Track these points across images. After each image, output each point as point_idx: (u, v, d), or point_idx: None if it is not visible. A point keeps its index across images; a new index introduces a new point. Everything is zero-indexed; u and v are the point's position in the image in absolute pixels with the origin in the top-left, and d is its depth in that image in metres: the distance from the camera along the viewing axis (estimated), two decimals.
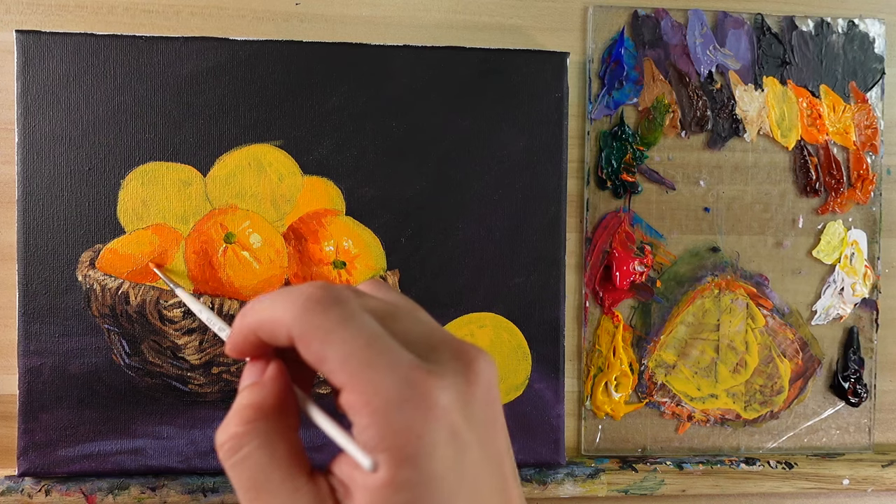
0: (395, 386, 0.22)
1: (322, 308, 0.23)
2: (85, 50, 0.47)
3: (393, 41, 0.51)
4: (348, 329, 0.22)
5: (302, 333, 0.23)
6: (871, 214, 0.55)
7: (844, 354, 0.55)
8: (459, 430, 0.22)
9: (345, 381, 0.22)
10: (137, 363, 0.48)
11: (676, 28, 0.53)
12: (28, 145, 0.46)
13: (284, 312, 0.23)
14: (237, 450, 0.23)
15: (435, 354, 0.24)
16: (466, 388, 0.23)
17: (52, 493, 0.47)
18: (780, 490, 0.53)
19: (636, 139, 0.53)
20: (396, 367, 0.22)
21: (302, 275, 0.49)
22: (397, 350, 0.23)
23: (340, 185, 0.49)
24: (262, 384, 0.25)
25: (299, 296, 0.23)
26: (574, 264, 0.53)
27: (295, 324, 0.23)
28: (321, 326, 0.23)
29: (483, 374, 0.24)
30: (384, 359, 0.22)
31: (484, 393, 0.24)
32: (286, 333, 0.23)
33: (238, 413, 0.24)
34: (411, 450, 0.21)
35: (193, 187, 0.48)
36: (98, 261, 0.47)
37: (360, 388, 0.22)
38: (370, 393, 0.22)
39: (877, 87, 0.55)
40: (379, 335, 0.23)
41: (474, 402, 0.23)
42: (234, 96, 0.48)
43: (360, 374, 0.22)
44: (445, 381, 0.22)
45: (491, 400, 0.24)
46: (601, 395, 0.53)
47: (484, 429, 0.23)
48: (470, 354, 0.24)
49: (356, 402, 0.22)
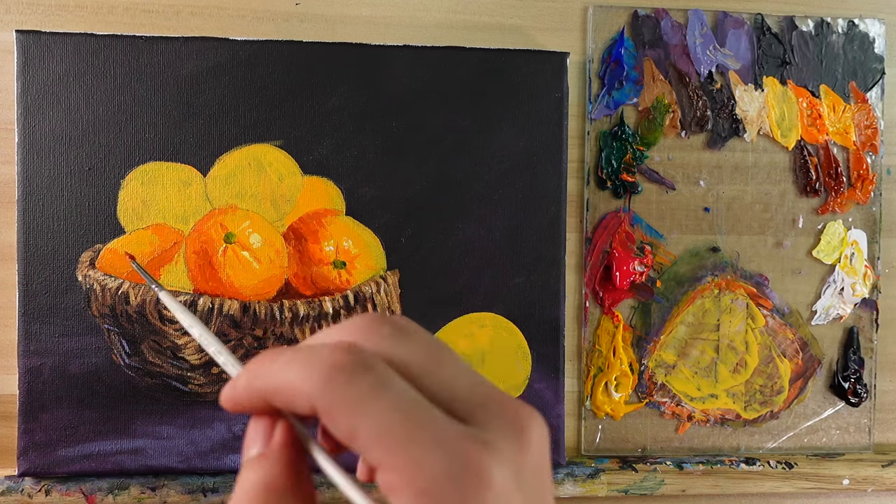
0: (443, 463, 0.19)
1: (348, 377, 0.20)
2: (85, 50, 0.47)
3: (393, 41, 0.51)
4: (381, 400, 0.20)
5: (327, 407, 0.20)
6: (871, 214, 0.55)
7: (844, 354, 0.55)
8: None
9: (382, 460, 0.19)
10: (137, 363, 0.48)
11: (676, 28, 0.53)
12: (28, 145, 0.46)
13: (304, 382, 0.20)
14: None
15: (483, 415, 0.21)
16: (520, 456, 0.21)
17: (52, 493, 0.47)
18: (780, 490, 0.53)
19: (636, 139, 0.53)
20: (443, 441, 0.19)
21: (302, 275, 0.49)
22: (441, 420, 0.20)
23: (340, 185, 0.49)
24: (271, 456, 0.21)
25: (321, 363, 0.20)
26: (574, 264, 0.53)
27: (317, 395, 0.20)
28: (349, 399, 0.20)
29: (535, 440, 0.21)
30: (427, 432, 0.19)
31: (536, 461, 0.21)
32: (307, 405, 0.20)
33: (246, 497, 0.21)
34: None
35: (193, 187, 0.48)
36: (98, 261, 0.47)
37: (401, 467, 0.19)
38: (413, 472, 0.19)
39: (877, 87, 0.55)
40: (418, 403, 0.20)
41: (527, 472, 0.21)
42: (234, 96, 0.48)
43: (401, 450, 0.19)
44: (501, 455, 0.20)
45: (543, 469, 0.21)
46: (601, 395, 0.53)
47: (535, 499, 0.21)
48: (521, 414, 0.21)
49: (397, 483, 0.19)
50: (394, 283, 0.50)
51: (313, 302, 0.49)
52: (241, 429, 0.49)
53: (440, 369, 0.21)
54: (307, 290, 0.49)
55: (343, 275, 0.49)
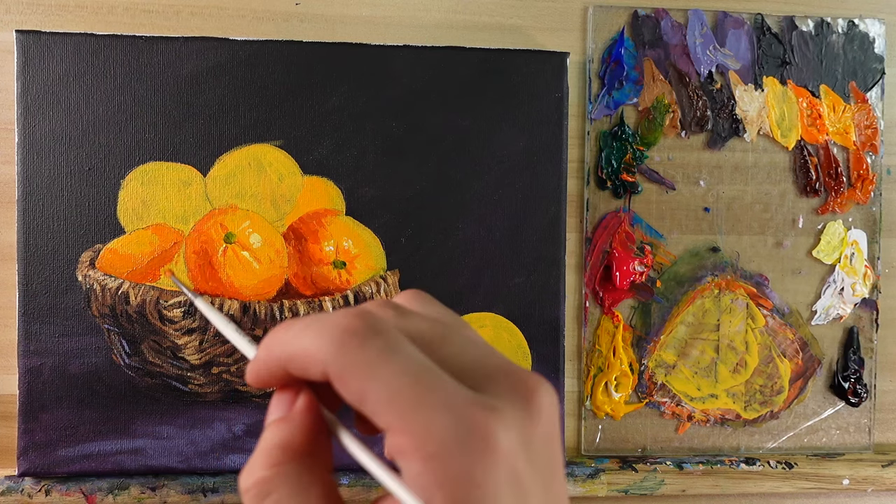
0: (451, 427, 0.19)
1: (360, 341, 0.20)
2: (85, 50, 0.47)
3: (393, 41, 0.51)
4: (392, 364, 0.20)
5: (339, 371, 0.20)
6: (871, 214, 0.55)
7: (844, 354, 0.55)
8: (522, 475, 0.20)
9: (391, 423, 0.20)
10: (137, 363, 0.48)
11: (676, 28, 0.53)
12: (28, 145, 0.46)
13: (317, 346, 0.21)
14: (264, 496, 0.21)
15: (491, 385, 0.21)
16: (528, 424, 0.21)
17: (52, 493, 0.47)
18: (780, 490, 0.53)
19: (636, 139, 0.53)
20: (451, 405, 0.20)
21: (302, 275, 0.49)
22: (450, 385, 0.20)
23: (340, 185, 0.49)
24: (291, 420, 0.22)
25: (334, 327, 0.21)
26: (574, 264, 0.53)
27: (330, 360, 0.20)
28: (360, 362, 0.20)
29: (545, 408, 0.21)
30: (436, 396, 0.20)
31: (546, 429, 0.21)
32: (321, 370, 0.21)
33: (265, 454, 0.21)
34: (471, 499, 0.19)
35: (193, 187, 0.48)
36: (98, 261, 0.47)
37: (411, 431, 0.19)
38: (422, 435, 0.19)
39: (877, 87, 0.55)
40: (427, 368, 0.20)
41: (535, 441, 0.21)
42: (234, 96, 0.48)
43: (410, 414, 0.19)
44: (507, 420, 0.20)
45: (552, 436, 0.22)
46: (601, 395, 0.53)
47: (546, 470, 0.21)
48: (530, 384, 0.21)
49: (406, 446, 0.19)
50: (394, 283, 0.50)
51: (313, 302, 0.49)
52: (241, 429, 0.49)
53: (449, 342, 0.22)
54: (307, 290, 0.49)
55: (343, 275, 0.49)
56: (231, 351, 0.48)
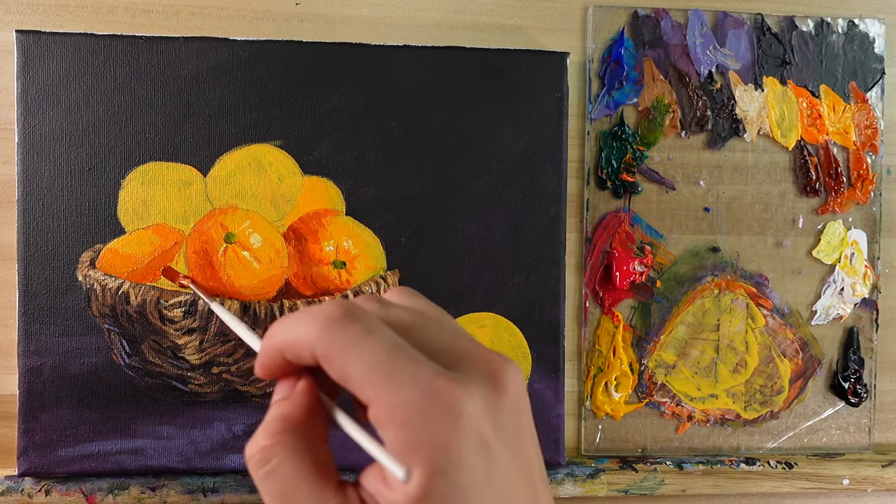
0: (419, 396, 0.22)
1: (341, 325, 0.23)
2: (85, 50, 0.47)
3: (393, 41, 0.51)
4: (368, 343, 0.23)
5: (324, 352, 0.23)
6: (871, 214, 0.55)
7: (844, 354, 0.55)
8: (488, 440, 0.22)
9: (369, 396, 0.22)
10: (137, 363, 0.48)
11: (676, 28, 0.53)
12: (28, 145, 0.46)
13: (306, 332, 0.23)
14: (265, 462, 0.24)
15: (461, 364, 0.24)
16: (494, 397, 0.23)
17: (52, 493, 0.47)
18: (780, 490, 0.53)
19: (636, 139, 0.53)
20: (419, 377, 0.22)
21: (302, 275, 0.49)
22: (420, 360, 0.23)
23: (340, 185, 0.49)
24: (291, 398, 0.25)
25: (319, 315, 0.23)
26: (574, 264, 0.53)
27: (317, 343, 0.23)
28: (341, 343, 0.23)
29: (511, 384, 0.24)
30: (406, 370, 0.22)
31: (512, 402, 0.24)
32: (310, 353, 0.24)
33: (267, 426, 0.24)
34: (440, 460, 0.21)
35: (193, 187, 0.48)
36: (98, 261, 0.47)
37: (385, 402, 0.22)
38: (395, 405, 0.22)
39: (877, 87, 0.55)
40: (400, 347, 0.23)
41: (502, 412, 0.23)
42: (234, 96, 0.48)
43: (383, 387, 0.22)
44: (471, 390, 0.22)
45: (519, 410, 0.24)
46: (601, 395, 0.53)
47: (513, 439, 0.23)
48: (496, 364, 0.24)
49: (382, 416, 0.22)
50: (394, 283, 0.50)
51: (313, 302, 0.49)
52: (241, 429, 0.49)
53: (426, 329, 0.25)
54: (307, 290, 0.49)
55: (343, 275, 0.49)
56: (231, 351, 0.48)
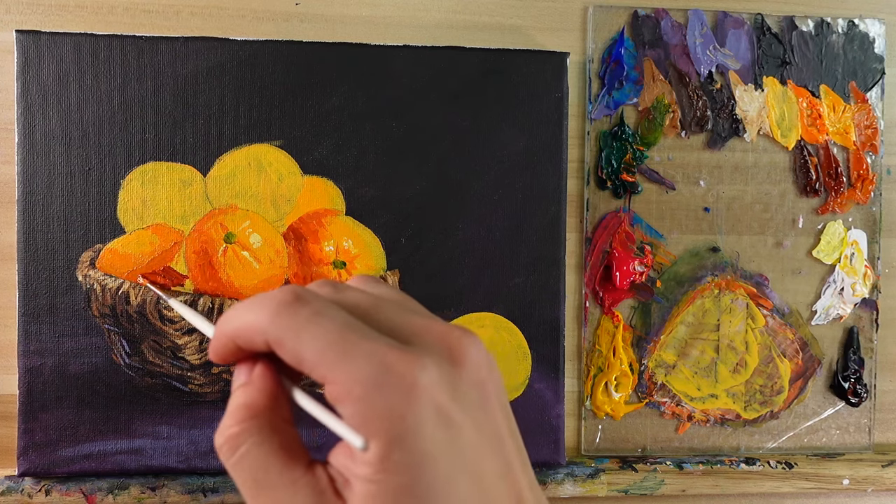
0: (372, 371, 0.22)
1: (292, 309, 0.23)
2: (85, 50, 0.47)
3: (393, 41, 0.51)
4: (319, 325, 0.23)
5: (276, 337, 0.23)
6: (871, 214, 0.55)
7: (844, 354, 0.55)
8: (447, 410, 0.22)
9: (324, 375, 0.22)
10: (137, 363, 0.48)
11: (676, 28, 0.53)
12: (28, 145, 0.46)
13: (256, 319, 0.24)
14: (235, 449, 0.24)
15: (416, 339, 0.24)
16: (451, 368, 0.23)
17: (52, 493, 0.47)
18: (780, 490, 0.53)
19: (636, 139, 0.53)
20: (371, 352, 0.22)
21: (302, 275, 0.49)
22: (372, 336, 0.23)
23: (340, 185, 0.49)
24: (251, 383, 0.25)
25: (270, 301, 0.23)
26: (574, 264, 0.53)
27: (268, 328, 0.23)
28: (291, 327, 0.23)
29: (469, 355, 0.24)
30: (358, 347, 0.22)
31: (473, 373, 0.24)
32: (262, 339, 0.24)
33: (232, 414, 0.25)
34: (397, 430, 0.21)
35: (193, 187, 0.48)
36: (98, 261, 0.47)
37: (339, 379, 0.22)
38: (349, 382, 0.22)
39: (877, 87, 0.55)
40: (351, 325, 0.23)
41: (461, 382, 0.23)
42: (234, 96, 0.48)
43: (337, 365, 0.22)
44: (425, 361, 0.22)
45: (481, 380, 0.24)
46: (601, 395, 0.53)
47: (477, 409, 0.23)
48: (453, 336, 0.24)
49: (338, 394, 0.22)
50: (394, 283, 0.50)
51: None
52: None
53: (382, 310, 0.25)
54: None
55: (343, 275, 0.49)
56: None
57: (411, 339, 0.24)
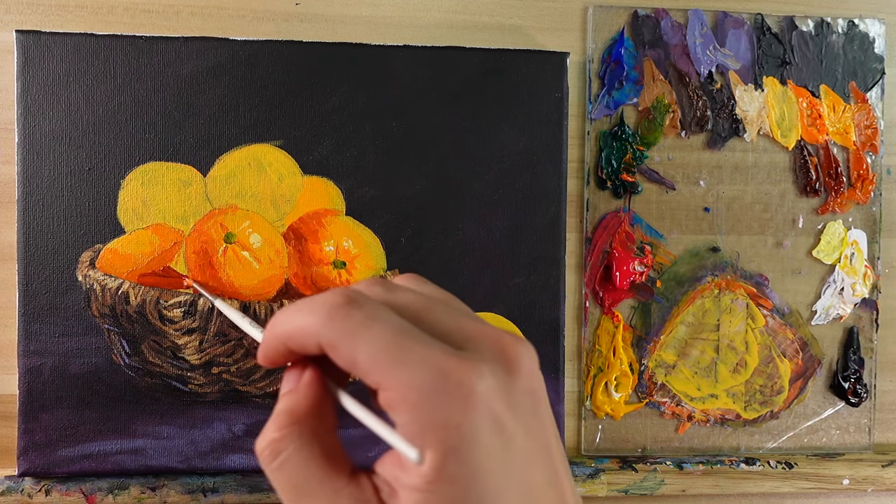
0: (429, 377, 0.21)
1: (345, 312, 0.23)
2: (85, 50, 0.47)
3: (393, 41, 0.51)
4: (373, 328, 0.22)
5: (329, 340, 0.23)
6: (871, 214, 0.55)
7: (844, 354, 0.55)
8: (502, 419, 0.22)
9: (378, 381, 0.22)
10: (137, 363, 0.48)
11: (676, 28, 0.53)
12: (28, 145, 0.46)
13: (310, 322, 0.23)
14: (276, 455, 0.23)
15: (471, 344, 0.23)
16: (506, 376, 0.23)
17: (52, 493, 0.47)
18: (780, 490, 0.53)
19: (636, 139, 0.53)
20: (428, 358, 0.22)
21: (302, 275, 0.49)
22: (427, 341, 0.22)
23: (340, 185, 0.49)
24: (297, 390, 0.25)
25: (322, 304, 0.23)
26: (574, 264, 0.53)
27: (321, 332, 0.23)
28: (346, 331, 0.22)
29: (523, 362, 0.23)
30: (414, 352, 0.22)
31: (525, 381, 0.23)
32: (314, 342, 0.23)
33: (275, 419, 0.24)
34: (453, 440, 0.21)
35: (193, 187, 0.48)
36: (98, 261, 0.47)
37: (394, 385, 0.22)
38: (405, 388, 0.21)
39: (877, 87, 0.55)
40: (406, 329, 0.22)
41: (515, 391, 0.23)
42: (234, 96, 0.48)
43: (392, 370, 0.22)
44: (482, 369, 0.22)
45: (533, 388, 0.24)
46: (601, 395, 0.53)
47: (529, 417, 0.23)
48: (507, 342, 0.24)
49: (393, 400, 0.22)
50: None
51: None
52: (241, 429, 0.49)
53: (434, 311, 0.24)
54: (307, 290, 0.49)
55: (343, 275, 0.49)
56: (231, 351, 0.48)
57: (465, 343, 0.23)
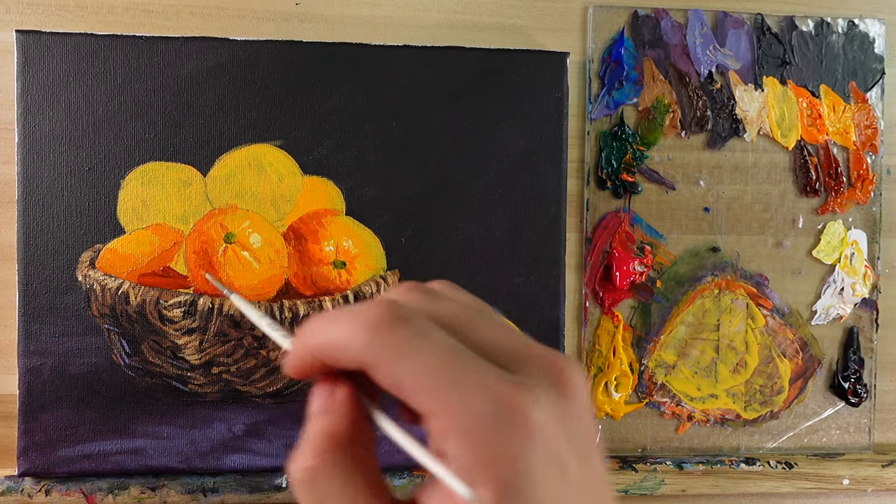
0: (486, 405, 0.20)
1: (390, 328, 0.21)
2: (85, 50, 0.47)
3: (393, 41, 0.51)
4: (423, 348, 0.21)
5: (373, 359, 0.21)
6: (871, 214, 0.55)
7: (844, 354, 0.55)
8: (558, 450, 0.21)
9: (428, 406, 0.20)
10: (137, 363, 0.48)
11: (676, 28, 0.53)
12: (28, 145, 0.46)
13: (350, 336, 0.21)
14: (312, 483, 0.22)
15: (523, 366, 0.22)
16: (562, 402, 0.21)
17: (52, 493, 0.47)
18: (780, 490, 0.53)
19: (636, 139, 0.53)
20: (484, 383, 0.20)
21: (302, 275, 0.49)
22: (482, 365, 0.21)
23: (340, 185, 0.49)
24: (333, 409, 0.23)
25: (364, 318, 0.21)
26: (574, 264, 0.53)
27: (363, 348, 0.21)
28: (392, 349, 0.21)
29: (577, 387, 0.22)
30: (469, 376, 0.20)
31: (579, 407, 0.22)
32: (354, 358, 0.22)
33: (311, 444, 0.22)
34: (510, 476, 0.19)
35: (193, 187, 0.48)
36: (98, 261, 0.47)
37: (447, 411, 0.20)
38: (458, 415, 0.20)
39: (877, 87, 0.55)
40: (458, 350, 0.21)
41: (570, 417, 0.21)
42: (234, 96, 0.48)
43: (445, 395, 0.20)
44: (538, 395, 0.20)
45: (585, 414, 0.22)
46: (601, 395, 0.53)
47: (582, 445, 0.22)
48: (560, 365, 0.22)
49: (445, 428, 0.20)
50: (394, 283, 0.50)
51: (313, 302, 0.49)
52: (241, 429, 0.49)
53: (478, 327, 0.23)
54: (307, 290, 0.49)
55: (343, 275, 0.49)
56: (231, 351, 0.48)
57: (517, 364, 0.22)
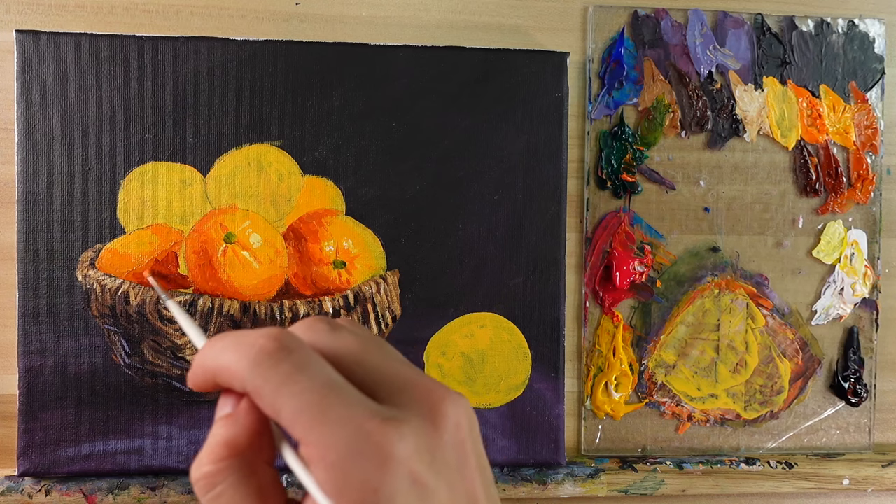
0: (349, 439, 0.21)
1: (273, 361, 0.22)
2: (85, 50, 0.47)
3: (393, 41, 0.51)
4: (300, 382, 0.22)
5: (254, 388, 0.22)
6: (871, 214, 0.55)
7: (844, 354, 0.55)
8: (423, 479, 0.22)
9: (300, 436, 0.22)
10: (137, 363, 0.48)
11: (676, 28, 0.53)
12: (28, 145, 0.46)
13: (236, 365, 0.23)
14: (210, 488, 0.23)
15: (401, 396, 0.23)
16: (432, 431, 0.23)
17: (52, 493, 0.47)
18: (780, 490, 0.53)
19: (636, 139, 0.53)
20: (350, 419, 0.21)
21: (302, 275, 0.49)
22: (353, 399, 0.22)
23: (340, 185, 0.49)
24: (235, 418, 0.24)
25: (250, 347, 0.23)
26: (574, 264, 0.53)
27: (247, 378, 0.22)
28: (272, 380, 0.22)
29: (451, 416, 0.23)
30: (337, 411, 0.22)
31: (452, 435, 0.23)
32: (238, 385, 0.23)
33: (211, 451, 0.24)
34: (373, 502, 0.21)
35: (193, 187, 0.48)
36: (98, 261, 0.47)
37: (315, 442, 0.21)
38: (324, 447, 0.21)
39: (877, 87, 0.55)
40: (333, 385, 0.22)
41: (441, 446, 0.23)
42: (234, 96, 0.48)
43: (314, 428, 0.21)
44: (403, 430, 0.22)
45: (459, 441, 0.24)
46: (601, 395, 0.53)
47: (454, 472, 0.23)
48: (436, 395, 0.23)
49: (312, 456, 0.22)
50: (394, 283, 0.50)
51: (313, 302, 0.49)
52: None
53: (368, 358, 0.24)
54: (307, 290, 0.49)
55: (343, 275, 0.49)
56: None
57: (396, 395, 0.23)
